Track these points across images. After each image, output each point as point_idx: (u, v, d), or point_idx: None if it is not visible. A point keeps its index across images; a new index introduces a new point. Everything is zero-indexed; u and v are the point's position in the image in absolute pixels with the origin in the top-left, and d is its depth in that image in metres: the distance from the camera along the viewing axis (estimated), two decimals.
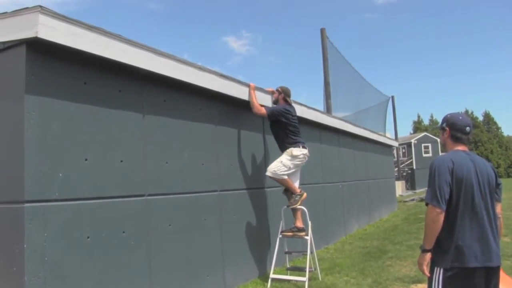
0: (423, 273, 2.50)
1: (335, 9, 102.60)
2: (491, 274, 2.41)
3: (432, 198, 2.39)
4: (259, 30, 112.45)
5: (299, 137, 5.19)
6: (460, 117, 2.61)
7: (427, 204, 2.44)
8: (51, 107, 3.08)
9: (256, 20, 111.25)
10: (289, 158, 5.03)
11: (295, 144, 5.07)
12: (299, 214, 5.21)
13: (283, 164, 5.01)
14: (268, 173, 5.11)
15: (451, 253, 2.38)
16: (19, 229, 2.85)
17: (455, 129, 2.56)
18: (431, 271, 2.47)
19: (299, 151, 5.05)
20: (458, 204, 2.39)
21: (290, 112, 5.17)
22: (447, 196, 2.37)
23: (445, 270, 2.40)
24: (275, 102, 5.44)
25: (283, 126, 5.13)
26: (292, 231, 5.15)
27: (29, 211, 2.86)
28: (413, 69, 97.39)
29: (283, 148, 5.17)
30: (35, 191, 2.91)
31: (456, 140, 2.56)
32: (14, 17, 2.95)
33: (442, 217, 2.37)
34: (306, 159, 5.19)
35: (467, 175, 2.40)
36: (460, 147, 2.56)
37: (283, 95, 5.34)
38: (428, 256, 2.45)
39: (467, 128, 2.55)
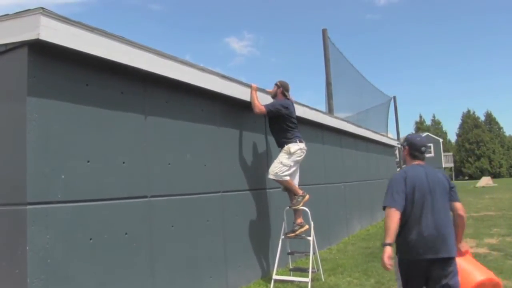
0: (384, 266, 2.72)
1: (336, 10, 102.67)
2: (443, 264, 2.74)
3: (389, 202, 2.81)
4: (261, 31, 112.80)
5: (296, 131, 5.19)
6: (418, 138, 3.09)
7: (384, 208, 2.83)
8: (53, 108, 3.08)
9: (258, 21, 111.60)
10: (287, 156, 5.03)
11: (291, 139, 5.07)
12: (300, 214, 5.21)
13: (283, 164, 5.01)
14: (270, 176, 5.12)
15: (403, 246, 2.82)
16: (21, 231, 2.84)
17: (413, 148, 3.04)
18: (395, 260, 2.90)
19: (296, 146, 5.05)
20: (412, 206, 2.80)
21: (288, 106, 5.17)
22: (401, 200, 2.79)
23: (399, 259, 2.88)
24: (274, 96, 5.45)
25: (281, 121, 5.14)
26: (294, 231, 5.14)
27: (32, 213, 2.86)
28: (415, 70, 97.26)
29: (280, 144, 5.18)
30: (38, 193, 2.91)
31: (414, 157, 3.05)
32: (16, 19, 2.96)
33: (396, 214, 2.75)
34: (304, 153, 5.18)
35: (419, 183, 2.83)
36: (416, 162, 3.02)
37: (282, 89, 5.34)
38: (388, 249, 2.73)
39: (423, 148, 3.04)
